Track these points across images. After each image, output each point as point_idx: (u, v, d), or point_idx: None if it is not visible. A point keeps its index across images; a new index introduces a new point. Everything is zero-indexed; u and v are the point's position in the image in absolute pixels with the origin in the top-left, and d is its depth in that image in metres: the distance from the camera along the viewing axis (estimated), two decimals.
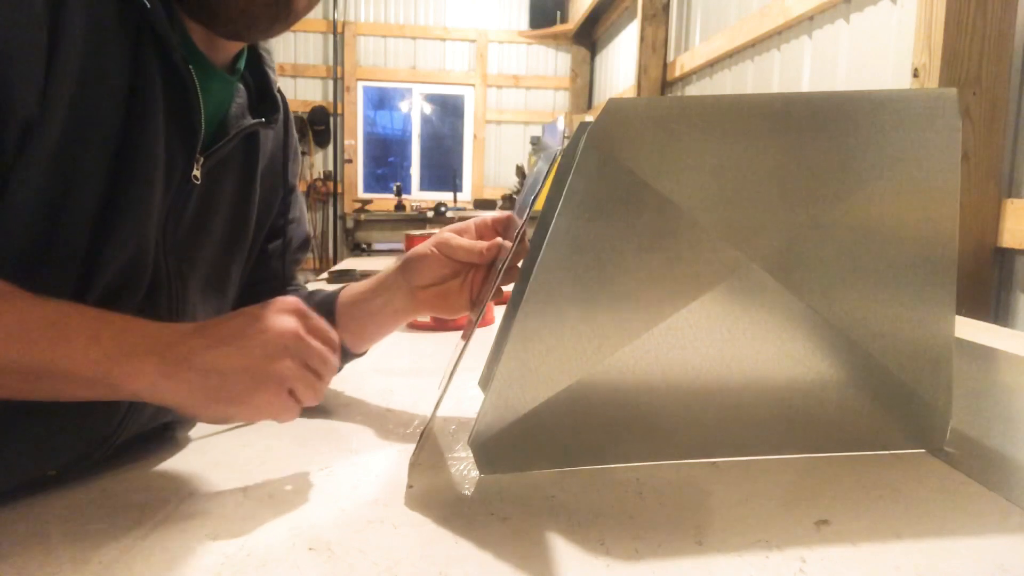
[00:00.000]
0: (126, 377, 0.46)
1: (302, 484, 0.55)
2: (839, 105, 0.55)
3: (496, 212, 0.76)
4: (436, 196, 5.56)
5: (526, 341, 0.54)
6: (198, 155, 0.58)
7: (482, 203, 5.47)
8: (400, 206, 5.13)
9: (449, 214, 4.66)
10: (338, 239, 5.56)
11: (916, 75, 1.56)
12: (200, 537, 0.46)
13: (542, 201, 0.63)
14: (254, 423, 0.68)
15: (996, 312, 1.53)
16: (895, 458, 0.60)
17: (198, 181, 0.59)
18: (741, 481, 0.56)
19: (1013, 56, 1.48)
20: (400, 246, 1.97)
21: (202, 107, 0.57)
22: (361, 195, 5.72)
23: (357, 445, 0.63)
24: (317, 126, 5.52)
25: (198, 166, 0.59)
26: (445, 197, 5.42)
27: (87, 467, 0.55)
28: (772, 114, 0.55)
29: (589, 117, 2.46)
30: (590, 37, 5.70)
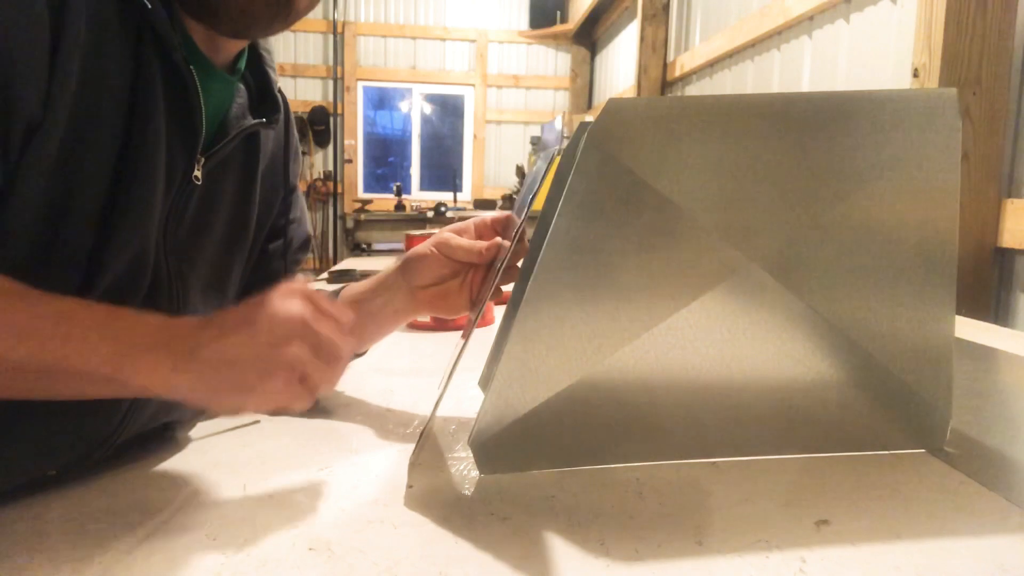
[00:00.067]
0: (136, 372, 0.46)
1: (302, 484, 0.55)
2: (839, 105, 0.55)
3: (496, 212, 0.76)
4: (436, 196, 5.57)
5: (526, 341, 0.54)
6: (199, 155, 0.58)
7: (482, 203, 5.48)
8: (400, 206, 5.13)
9: (449, 214, 4.66)
10: (338, 239, 5.57)
11: (916, 75, 1.56)
12: (200, 537, 0.46)
13: (541, 200, 0.63)
14: (264, 415, 0.68)
15: (996, 312, 1.53)
16: (895, 458, 0.60)
17: (199, 181, 0.59)
18: (741, 481, 0.56)
19: (1013, 56, 1.48)
20: (400, 246, 1.97)
21: (203, 107, 0.57)
22: (361, 195, 5.72)
23: (357, 445, 0.63)
24: (317, 126, 5.52)
25: (199, 166, 0.59)
26: (445, 197, 5.43)
27: (87, 467, 0.55)
28: (772, 114, 0.55)
29: (589, 117, 2.46)
30: (590, 37, 5.71)
